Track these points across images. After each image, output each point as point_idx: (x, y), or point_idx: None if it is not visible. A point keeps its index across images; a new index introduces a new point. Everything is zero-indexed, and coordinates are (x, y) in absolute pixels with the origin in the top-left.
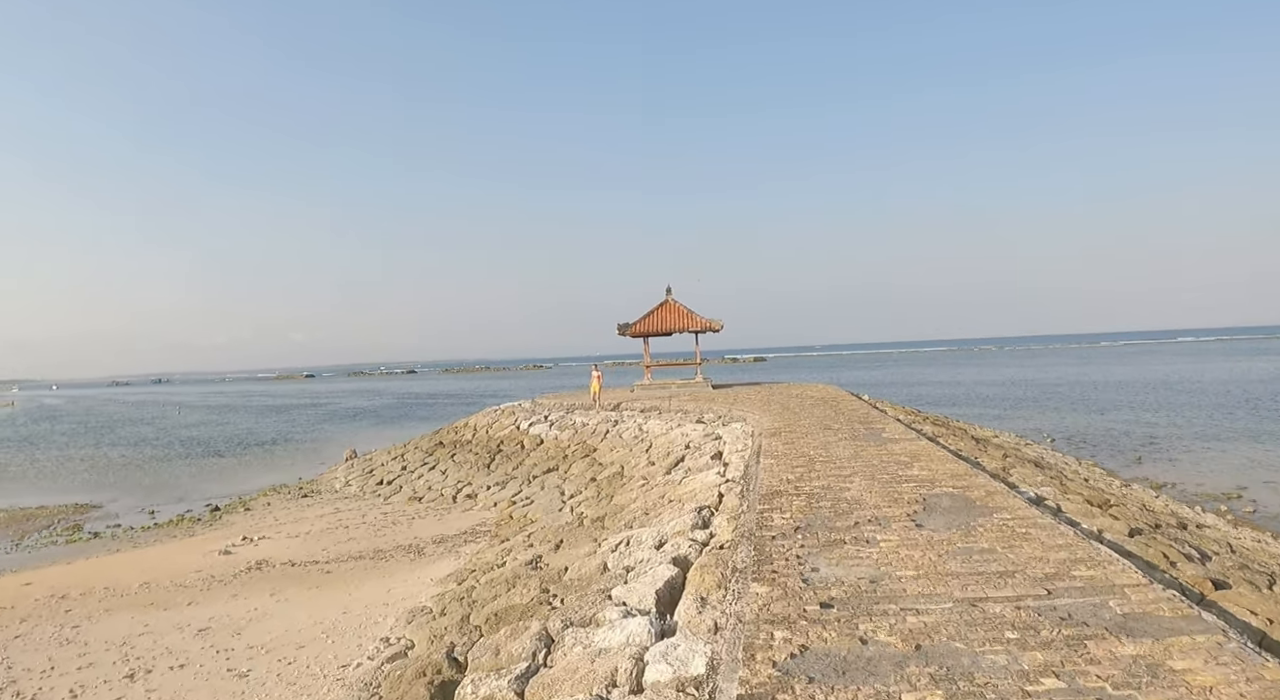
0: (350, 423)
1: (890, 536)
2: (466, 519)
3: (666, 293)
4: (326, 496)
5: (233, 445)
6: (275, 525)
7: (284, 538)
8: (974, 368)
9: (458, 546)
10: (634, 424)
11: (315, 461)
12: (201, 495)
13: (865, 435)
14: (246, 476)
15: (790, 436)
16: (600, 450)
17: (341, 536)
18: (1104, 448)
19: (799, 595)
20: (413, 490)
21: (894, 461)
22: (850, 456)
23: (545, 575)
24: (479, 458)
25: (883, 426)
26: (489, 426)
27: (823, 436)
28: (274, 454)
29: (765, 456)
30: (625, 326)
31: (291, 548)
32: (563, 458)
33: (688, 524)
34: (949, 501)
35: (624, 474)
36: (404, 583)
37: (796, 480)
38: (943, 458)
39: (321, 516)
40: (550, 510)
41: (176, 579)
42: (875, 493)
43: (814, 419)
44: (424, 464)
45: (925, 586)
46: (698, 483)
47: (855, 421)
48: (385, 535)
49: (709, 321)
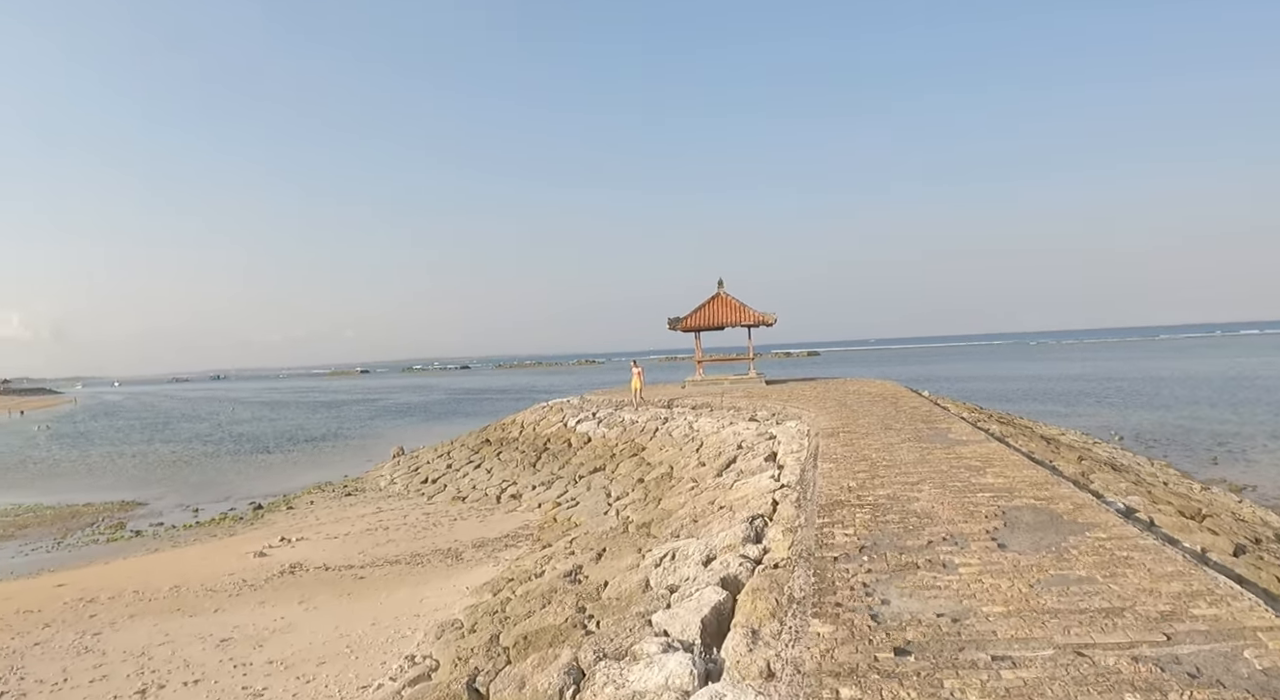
0: (400, 419)
1: (970, 560)
2: (509, 521)
3: (718, 285)
4: (370, 495)
5: (282, 442)
6: (315, 525)
7: (322, 539)
8: (1030, 362)
9: (497, 551)
10: (684, 422)
11: (362, 459)
12: (247, 493)
13: (930, 436)
14: (293, 474)
15: (849, 437)
16: (649, 449)
17: (380, 539)
18: (1175, 447)
19: (868, 637)
20: (457, 489)
21: (964, 467)
22: (916, 460)
23: (583, 591)
24: (525, 456)
25: (948, 426)
26: (536, 424)
27: (884, 437)
28: (322, 451)
29: (823, 460)
30: (676, 321)
31: (328, 550)
32: (610, 457)
33: (739, 536)
34: (1032, 516)
35: (673, 475)
36: (438, 591)
37: (858, 488)
38: (1018, 463)
39: (362, 517)
40: (595, 513)
41: (208, 583)
42: (948, 504)
43: (873, 418)
44: (469, 462)
45: (1018, 627)
46: (750, 488)
47: (918, 420)
48: (424, 538)
49: (762, 315)
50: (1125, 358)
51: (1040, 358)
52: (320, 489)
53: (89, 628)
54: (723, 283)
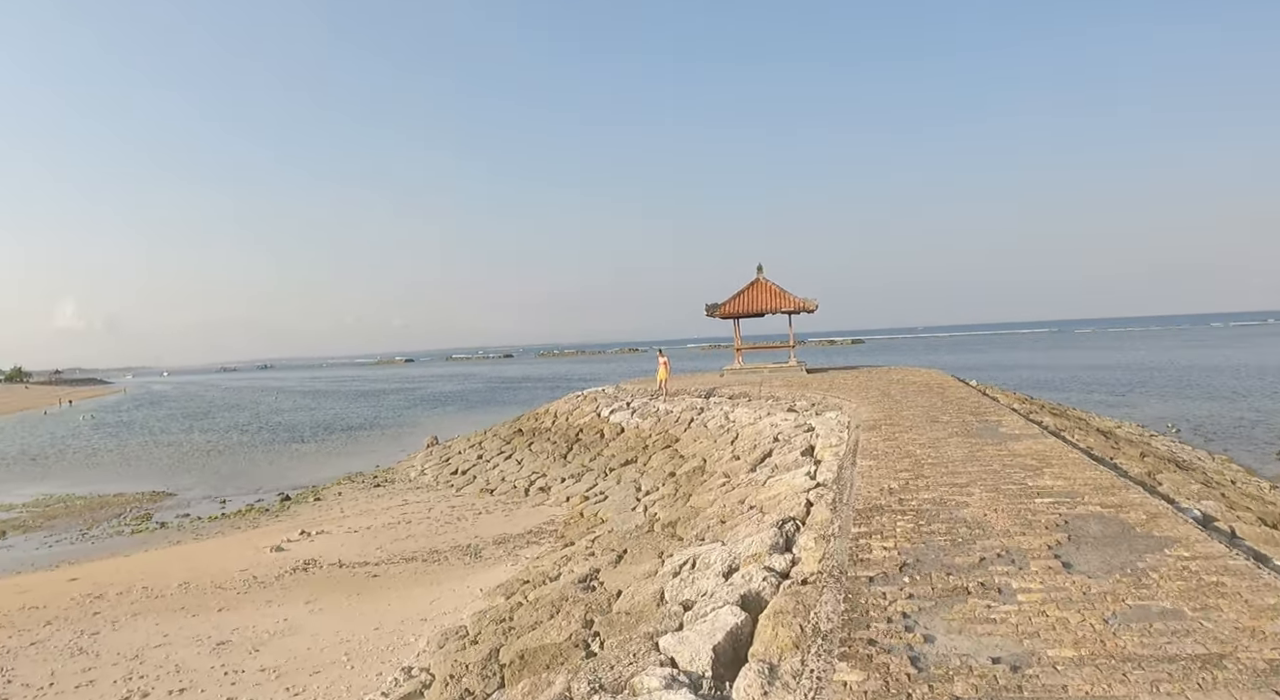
0: (437, 408)
1: (1030, 584)
2: (535, 515)
3: (757, 271)
4: (399, 486)
5: (318, 431)
6: (339, 518)
7: (342, 533)
8: (1076, 351)
9: (519, 549)
10: (720, 412)
11: (396, 448)
12: (277, 483)
13: (979, 430)
14: (326, 463)
15: (892, 430)
16: (683, 441)
17: (401, 533)
18: (1236, 441)
19: (906, 690)
20: (486, 481)
21: (1019, 466)
22: (964, 458)
23: (594, 601)
24: (556, 447)
25: (998, 419)
26: (569, 413)
27: (929, 431)
28: (357, 440)
29: (863, 456)
30: (713, 307)
31: (346, 545)
32: (642, 449)
33: (766, 544)
34: (1099, 527)
35: (705, 469)
36: (451, 592)
37: (900, 490)
38: (1077, 462)
39: (388, 509)
40: (623, 509)
41: (219, 579)
42: (1002, 511)
43: (918, 409)
44: (500, 453)
45: (1094, 681)
46: (783, 486)
47: (965, 412)
48: (446, 533)
49: (803, 301)
50: (1176, 346)
51: (1088, 346)
52: (350, 480)
53: (89, 627)
54: (762, 268)
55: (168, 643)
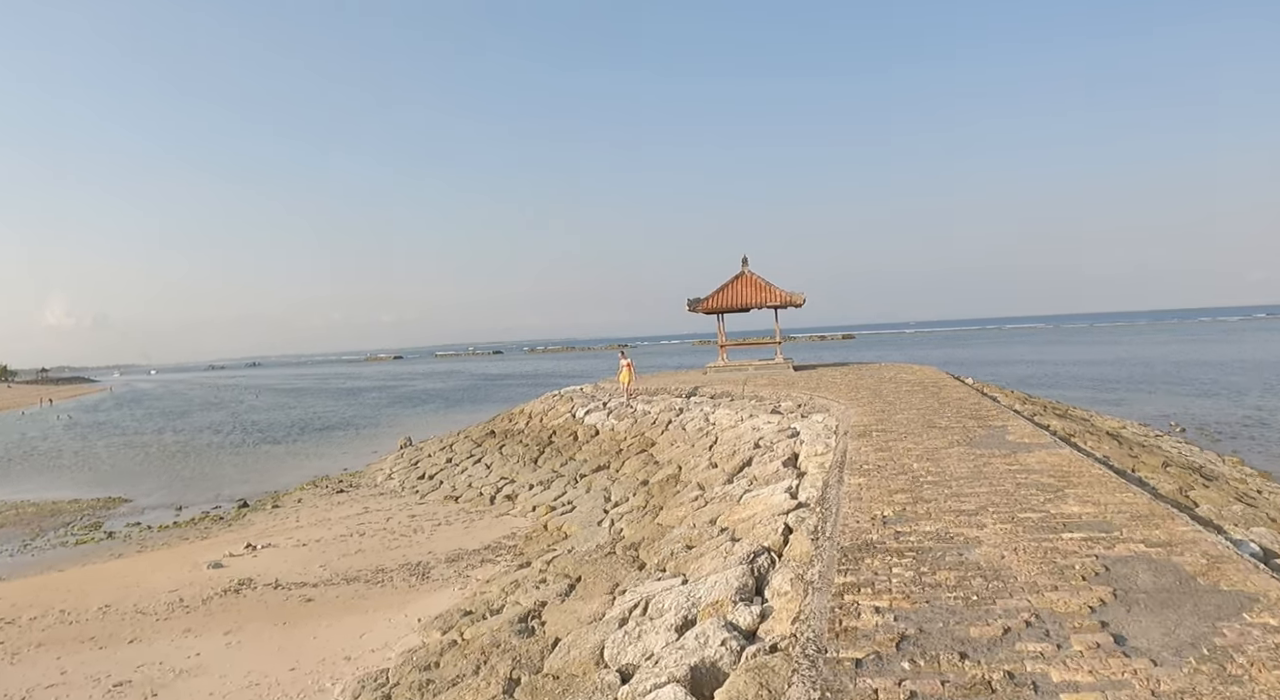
0: (416, 407)
1: (1075, 676)
2: (496, 527)
3: (742, 263)
4: (364, 491)
5: (291, 431)
6: (293, 528)
7: (290, 546)
8: (1067, 346)
9: (472, 568)
10: (700, 413)
11: (368, 450)
12: (239, 488)
13: (983, 437)
14: (294, 466)
15: (885, 437)
16: (659, 444)
17: (351, 547)
18: (1244, 441)
19: None
20: (452, 487)
21: (1035, 485)
22: (970, 474)
23: (526, 652)
24: (527, 451)
25: (1003, 423)
26: (543, 414)
27: (927, 438)
28: (329, 441)
29: (851, 471)
30: (695, 302)
31: (289, 561)
32: (616, 453)
33: (732, 586)
34: (1150, 576)
35: (680, 478)
36: (386, 622)
37: (896, 518)
38: (1103, 480)
39: (345, 519)
40: (589, 522)
41: (143, 602)
42: (1023, 553)
43: (913, 411)
44: (470, 456)
45: None
46: (761, 505)
47: (966, 416)
48: (398, 548)
49: (790, 295)
50: (1167, 341)
51: (1079, 341)
52: (315, 484)
53: None
54: (747, 261)
55: (63, 682)
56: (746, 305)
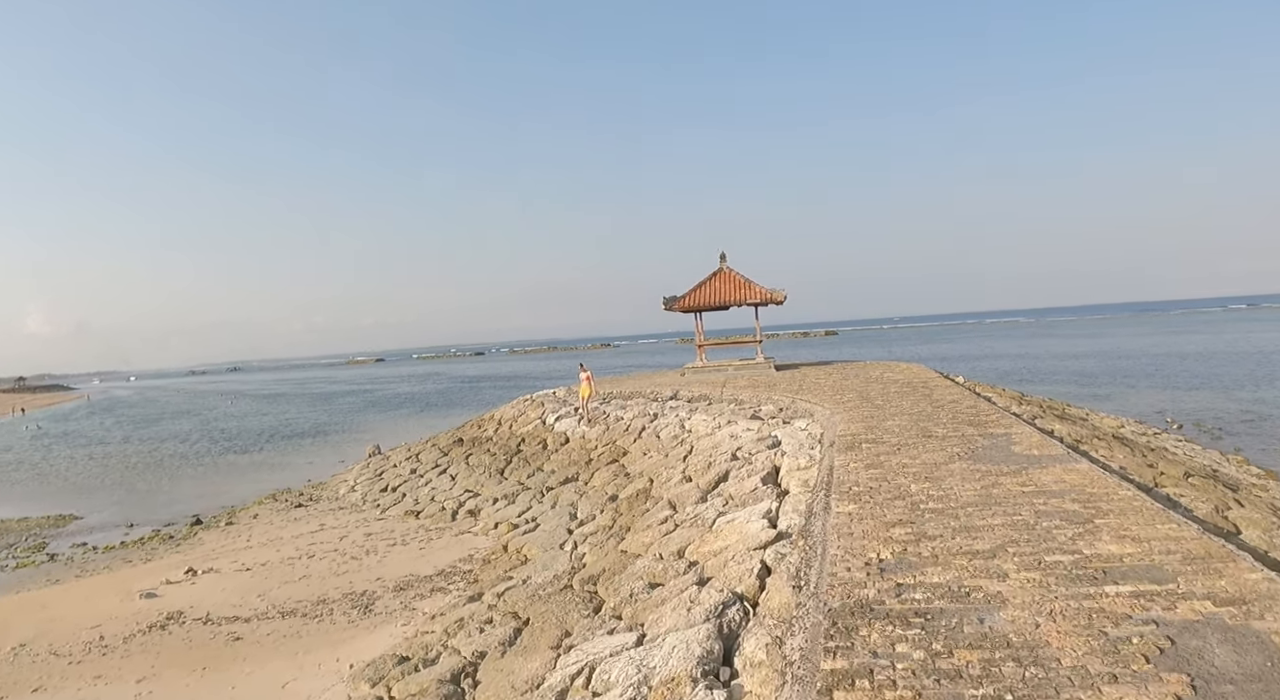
0: (391, 412)
1: None
2: (454, 548)
3: (721, 260)
4: (324, 505)
5: (259, 440)
6: (242, 549)
7: (233, 571)
8: (1044, 340)
9: (420, 598)
10: (675, 419)
11: (335, 459)
12: (194, 504)
13: (987, 449)
14: (257, 477)
15: (876, 450)
16: (631, 454)
17: (297, 572)
18: (1245, 437)
19: None
20: (415, 500)
21: (1058, 513)
22: (979, 499)
23: None
24: (494, 460)
25: (1005, 431)
26: (513, 420)
27: (924, 450)
28: (297, 450)
29: (839, 496)
30: (671, 300)
31: (227, 590)
32: (586, 463)
33: (693, 654)
34: (1232, 656)
35: (650, 493)
36: (315, 668)
37: (896, 562)
38: (1137, 506)
39: (298, 537)
40: (551, 544)
41: (60, 641)
42: (1061, 619)
43: (905, 416)
44: (435, 466)
45: None
46: (735, 535)
47: (963, 421)
48: (347, 572)
49: (770, 292)
50: (1148, 333)
51: (1058, 334)
52: (275, 498)
53: None
54: (725, 257)
55: None
56: (725, 303)
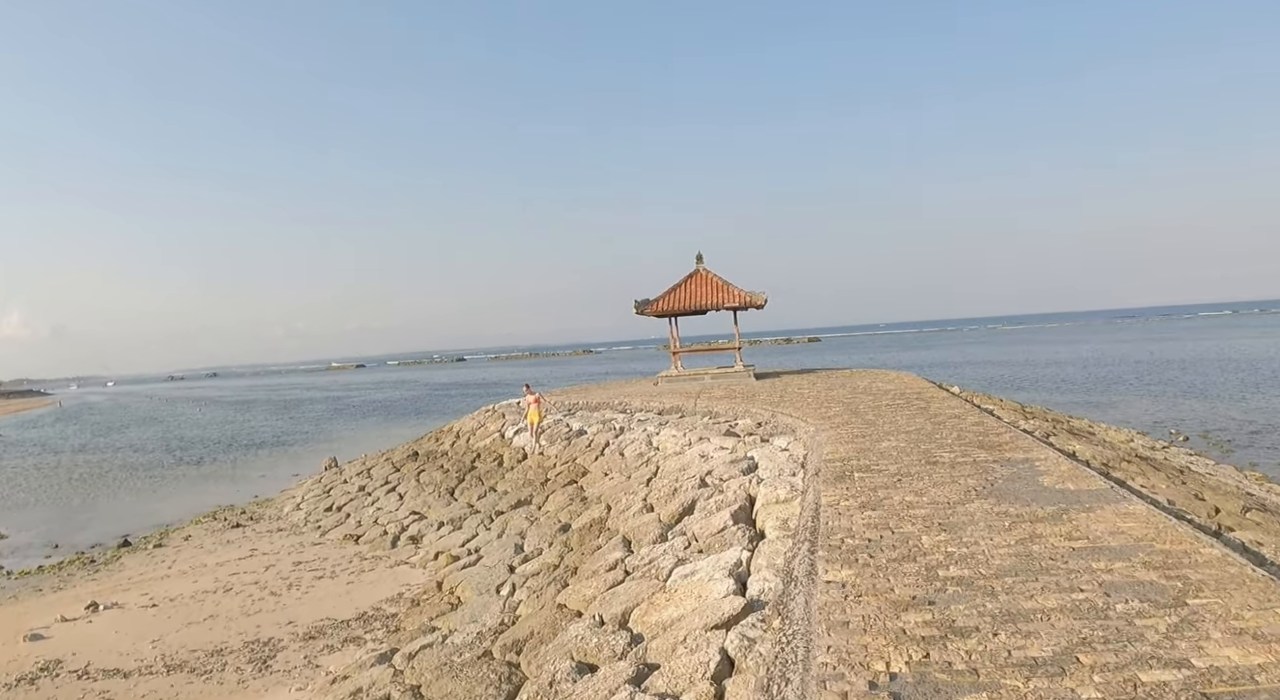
0: (356, 420)
1: None
2: (386, 582)
3: (697, 261)
4: (263, 526)
5: (215, 450)
6: (159, 578)
7: (137, 606)
8: (1026, 346)
9: (328, 652)
10: (643, 434)
11: (288, 472)
12: (132, 521)
13: (1008, 480)
14: (204, 491)
15: (871, 481)
16: (591, 474)
17: (204, 609)
18: (1258, 450)
19: None
20: (358, 522)
21: (1131, 586)
22: (1017, 561)
23: None
24: (447, 478)
25: (1025, 454)
26: (472, 433)
27: (931, 482)
28: (252, 461)
29: (828, 553)
30: (644, 303)
31: (122, 632)
32: (542, 483)
33: None
34: None
35: (606, 524)
36: None
37: (916, 681)
38: (1237, 577)
39: (222, 565)
40: (487, 586)
41: None
42: None
43: (902, 434)
44: (385, 484)
45: None
46: (692, 598)
47: (971, 442)
48: (259, 612)
49: (750, 295)
50: (1130, 340)
51: (1039, 341)
52: (215, 516)
53: None
54: (702, 257)
55: None
56: (702, 306)
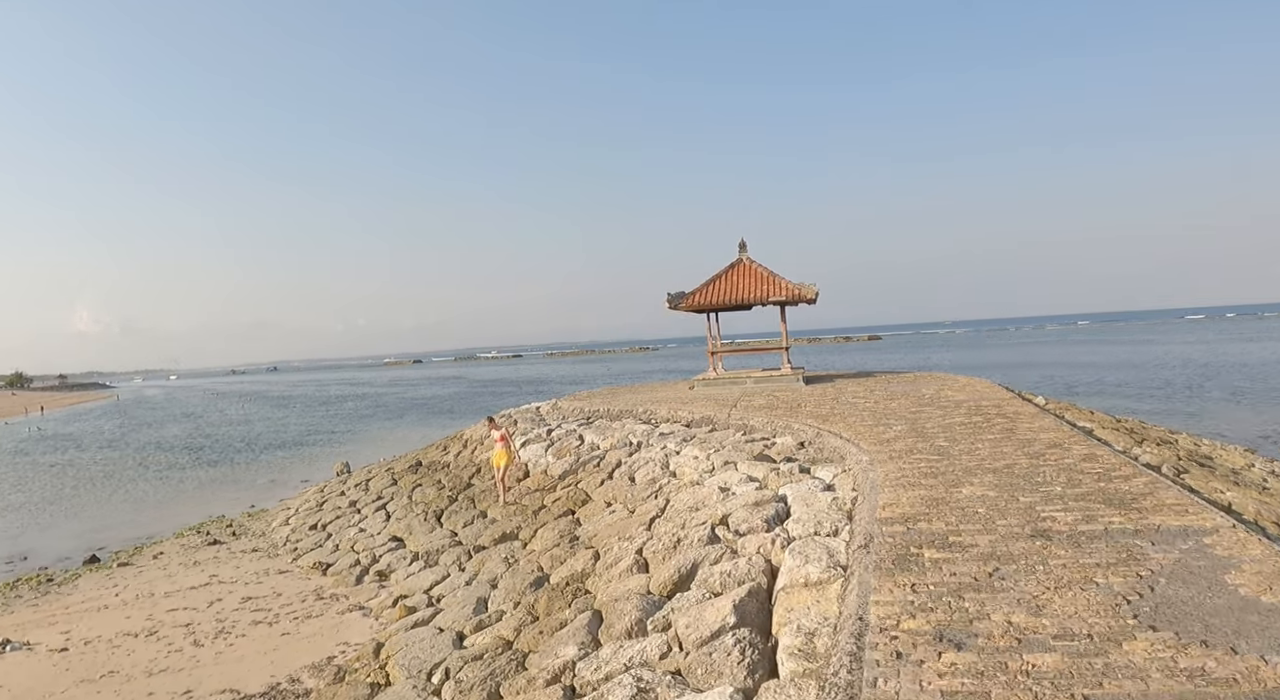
0: (389, 420)
1: None
2: (324, 637)
3: (740, 249)
4: (241, 544)
5: (236, 450)
6: (95, 609)
7: (47, 650)
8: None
9: None
10: (661, 453)
11: (300, 476)
12: (112, 532)
13: (1172, 578)
14: (201, 499)
15: (951, 571)
16: (592, 504)
17: (112, 661)
18: None
19: None
20: (334, 546)
21: None
22: None
23: None
24: (439, 496)
25: (1181, 519)
26: (479, 442)
27: (1051, 581)
28: (264, 465)
29: None
30: (678, 297)
31: (9, 685)
32: (535, 512)
33: None
34: None
35: (585, 585)
36: None
37: None
38: None
39: (170, 595)
40: (421, 666)
41: None
42: None
43: (987, 474)
44: (378, 499)
45: None
46: None
47: (1090, 493)
48: (164, 671)
49: (798, 288)
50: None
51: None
52: (196, 530)
53: None
54: (745, 246)
55: None
56: (745, 300)
